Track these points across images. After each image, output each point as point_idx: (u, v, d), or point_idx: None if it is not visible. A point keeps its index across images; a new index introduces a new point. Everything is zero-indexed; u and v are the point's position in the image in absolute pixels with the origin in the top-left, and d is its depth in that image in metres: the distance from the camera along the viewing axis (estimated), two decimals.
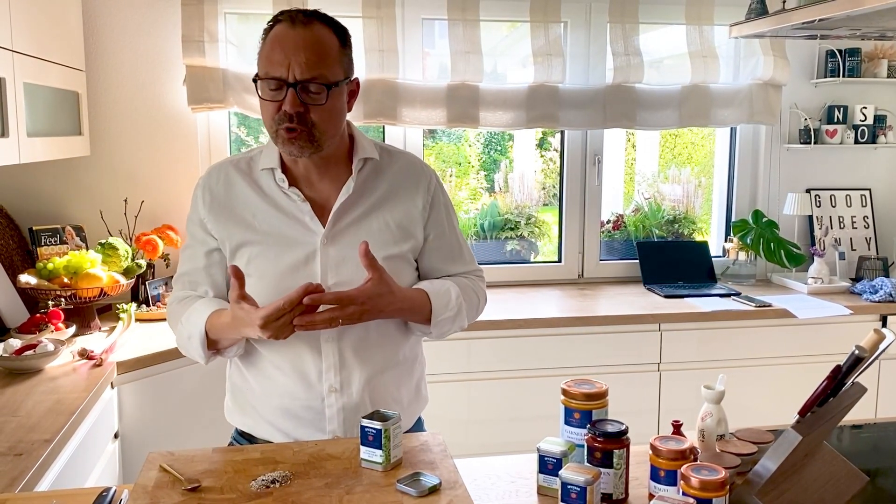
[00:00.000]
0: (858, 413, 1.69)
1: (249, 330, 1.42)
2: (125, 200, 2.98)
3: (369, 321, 1.48)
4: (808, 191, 3.64)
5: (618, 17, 3.28)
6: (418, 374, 1.67)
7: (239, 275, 1.42)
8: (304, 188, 1.54)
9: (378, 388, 1.55)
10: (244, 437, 1.61)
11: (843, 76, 3.47)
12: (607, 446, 1.30)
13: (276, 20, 1.45)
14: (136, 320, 2.70)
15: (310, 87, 1.41)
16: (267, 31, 1.46)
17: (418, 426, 1.69)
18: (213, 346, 1.52)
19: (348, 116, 1.56)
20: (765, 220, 3.50)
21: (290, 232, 1.52)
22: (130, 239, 2.93)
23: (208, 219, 1.55)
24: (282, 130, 1.43)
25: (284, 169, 1.54)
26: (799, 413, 1.27)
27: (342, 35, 1.48)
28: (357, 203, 1.54)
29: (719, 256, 3.64)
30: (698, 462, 1.28)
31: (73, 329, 2.46)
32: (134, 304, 2.73)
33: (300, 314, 1.38)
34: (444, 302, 1.56)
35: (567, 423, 1.41)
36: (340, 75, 1.45)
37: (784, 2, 2.43)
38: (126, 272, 2.69)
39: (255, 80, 1.45)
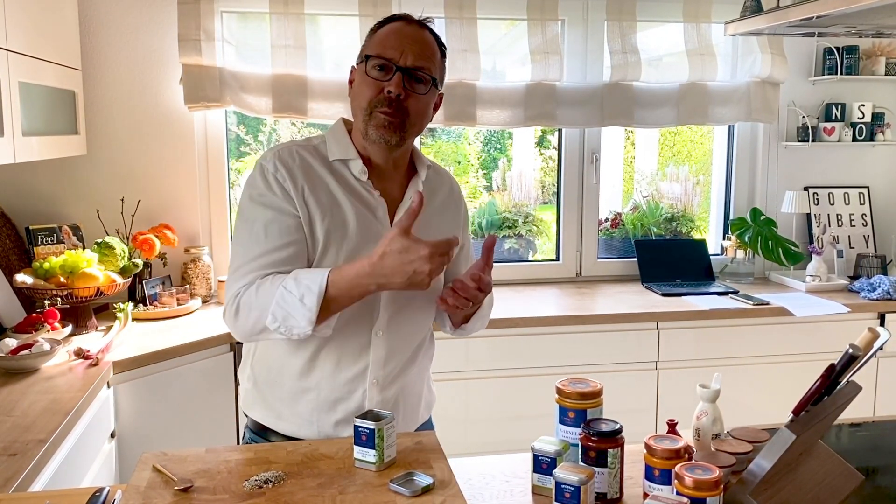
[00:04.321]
0: (857, 411, 1.69)
1: (408, 265, 1.34)
2: (122, 199, 2.98)
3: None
4: (806, 189, 3.63)
5: (615, 14, 3.27)
6: (429, 372, 1.72)
7: (419, 204, 1.39)
8: (373, 183, 1.55)
9: (408, 384, 1.59)
10: (260, 435, 1.59)
11: (841, 74, 3.47)
12: (601, 445, 1.30)
13: (391, 18, 1.53)
14: (133, 319, 2.70)
15: (417, 76, 1.48)
16: (378, 26, 1.53)
17: (429, 420, 1.73)
18: (323, 311, 1.40)
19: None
20: (763, 218, 3.50)
21: (364, 223, 1.51)
22: (127, 238, 2.93)
23: (292, 192, 1.47)
24: (377, 112, 1.47)
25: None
26: (793, 412, 1.27)
27: (443, 49, 1.57)
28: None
29: (717, 254, 3.64)
30: (693, 461, 1.27)
31: (69, 328, 2.45)
32: (131, 304, 2.73)
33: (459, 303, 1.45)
34: (488, 300, 1.66)
35: (562, 422, 1.41)
36: (438, 76, 1.54)
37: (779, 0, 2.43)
38: (123, 271, 2.69)
39: (364, 60, 1.49)
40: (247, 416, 1.63)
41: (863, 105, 3.56)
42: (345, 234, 1.49)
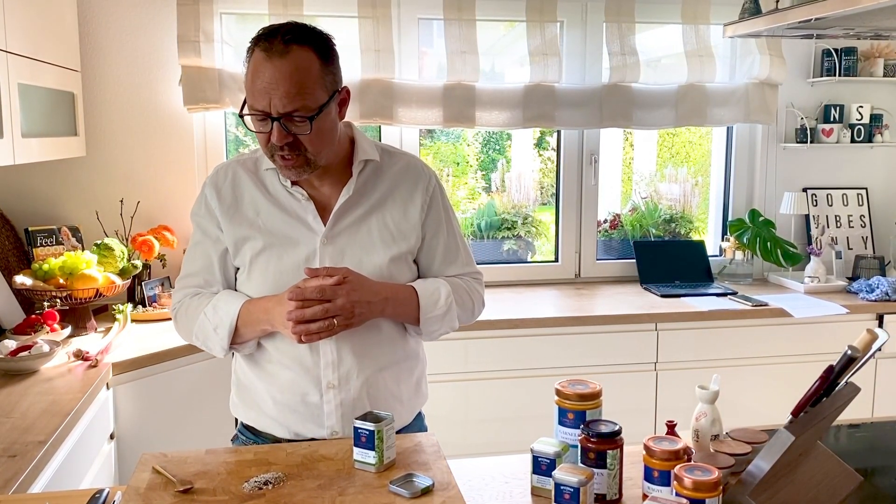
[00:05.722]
0: (855, 412, 1.69)
1: (282, 312, 1.45)
2: (121, 201, 2.98)
3: (365, 320, 1.50)
4: (804, 190, 3.64)
5: (614, 16, 3.28)
6: (419, 372, 1.69)
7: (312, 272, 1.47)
8: (306, 188, 1.57)
9: (377, 385, 1.57)
10: (249, 430, 1.64)
11: (840, 75, 3.47)
12: (601, 447, 1.30)
13: (256, 41, 1.44)
14: (132, 321, 2.70)
15: (294, 118, 1.42)
16: (249, 53, 1.45)
17: (419, 421, 1.71)
18: (235, 338, 1.54)
19: (348, 117, 1.58)
20: (761, 219, 3.50)
21: (292, 231, 1.55)
22: (126, 239, 2.93)
23: (218, 214, 1.57)
24: (277, 158, 1.47)
25: None
26: (792, 413, 1.27)
27: (324, 51, 1.45)
28: (357, 204, 1.57)
29: (716, 256, 3.64)
30: (692, 462, 1.28)
31: (68, 330, 2.45)
32: (130, 305, 2.74)
33: (294, 318, 1.43)
34: (433, 300, 1.58)
35: (561, 423, 1.41)
36: (324, 97, 1.44)
37: (777, 1, 2.43)
38: (122, 273, 2.69)
39: (241, 115, 1.46)
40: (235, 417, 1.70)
41: (861, 106, 3.56)
42: (272, 245, 1.54)
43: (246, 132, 3.48)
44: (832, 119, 3.56)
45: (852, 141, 3.57)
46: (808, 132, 3.52)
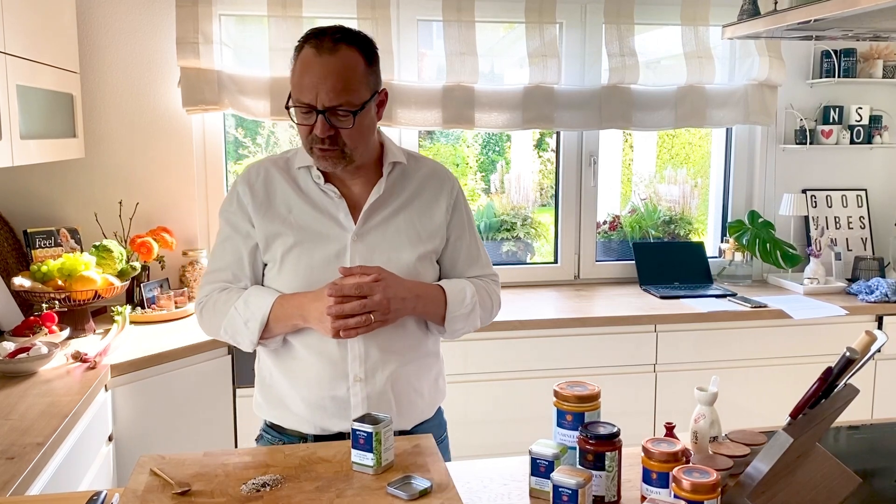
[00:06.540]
0: (855, 414, 1.69)
1: (318, 308, 1.48)
2: (120, 202, 2.98)
3: (399, 317, 1.55)
4: (803, 191, 3.64)
5: (613, 17, 3.28)
6: (437, 370, 1.75)
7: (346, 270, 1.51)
8: (338, 187, 1.61)
9: (400, 379, 1.61)
10: (274, 429, 1.66)
11: (839, 76, 3.47)
12: (599, 449, 1.30)
13: (305, 40, 1.50)
14: (131, 323, 2.70)
15: (338, 112, 1.48)
16: (297, 51, 1.51)
17: (439, 416, 1.77)
18: (265, 333, 1.57)
19: None
20: (761, 220, 3.50)
21: (323, 228, 1.59)
22: (125, 241, 2.93)
23: (251, 210, 1.60)
24: (316, 149, 1.52)
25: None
26: (791, 415, 1.27)
27: (369, 53, 1.53)
28: (386, 203, 1.62)
29: (715, 257, 3.64)
30: (690, 464, 1.27)
31: (67, 332, 2.45)
32: (129, 307, 2.73)
33: (334, 312, 1.47)
34: (460, 299, 1.63)
35: (559, 425, 1.41)
36: (367, 95, 1.51)
37: (776, 3, 2.43)
38: (120, 274, 2.69)
39: (287, 107, 1.51)
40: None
41: (860, 108, 3.57)
42: (303, 241, 1.58)
43: (245, 133, 3.48)
44: (831, 120, 3.56)
45: (851, 142, 3.57)
46: (808, 133, 3.52)
